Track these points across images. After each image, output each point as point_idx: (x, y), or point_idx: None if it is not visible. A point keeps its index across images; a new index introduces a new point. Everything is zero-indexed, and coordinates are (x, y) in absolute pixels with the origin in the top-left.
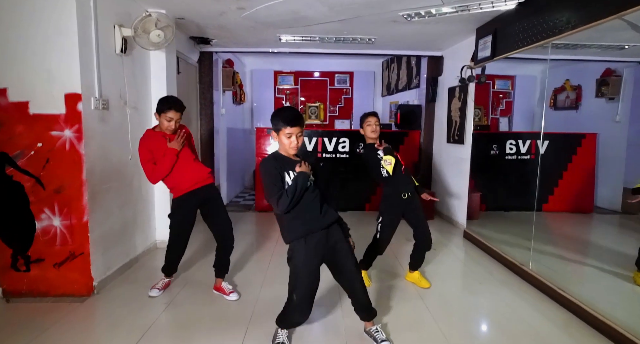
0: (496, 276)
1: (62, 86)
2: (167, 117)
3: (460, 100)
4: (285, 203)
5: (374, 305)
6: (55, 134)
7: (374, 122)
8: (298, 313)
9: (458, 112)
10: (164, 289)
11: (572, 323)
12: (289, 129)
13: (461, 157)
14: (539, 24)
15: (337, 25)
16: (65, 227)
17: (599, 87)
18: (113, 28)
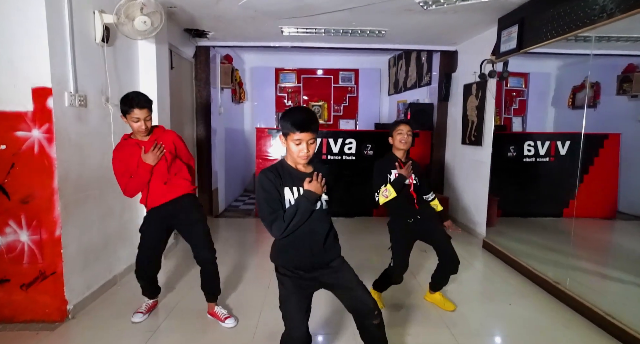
0: (527, 296)
1: (29, 79)
2: (133, 117)
3: (477, 98)
4: (280, 229)
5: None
6: (22, 135)
7: (406, 131)
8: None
9: (475, 111)
10: (149, 313)
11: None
12: (298, 135)
13: (479, 160)
14: (578, 9)
15: (345, 15)
16: (34, 242)
17: (620, 84)
18: (92, 14)
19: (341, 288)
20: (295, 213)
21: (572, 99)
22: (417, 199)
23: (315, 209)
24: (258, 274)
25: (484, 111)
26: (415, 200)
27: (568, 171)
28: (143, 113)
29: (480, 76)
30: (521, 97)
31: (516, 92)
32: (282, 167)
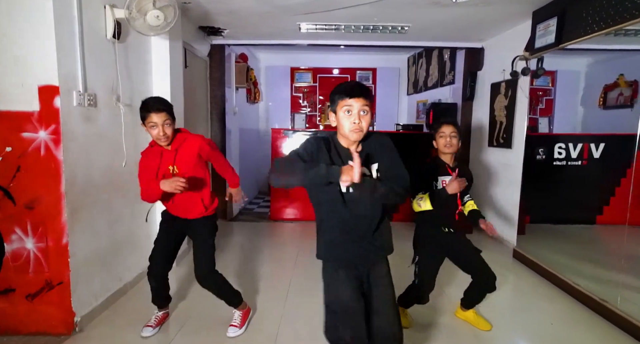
0: (569, 314)
1: (35, 77)
2: (150, 123)
3: (507, 97)
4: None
5: None
6: (28, 136)
7: (449, 133)
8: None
9: (504, 111)
10: (159, 326)
11: None
12: (348, 101)
13: (508, 164)
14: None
15: (366, 10)
16: (40, 250)
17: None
18: (103, 9)
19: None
20: (305, 169)
21: (603, 98)
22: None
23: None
24: (274, 284)
25: (514, 111)
26: (458, 211)
27: (602, 176)
28: (160, 117)
29: (511, 74)
30: (548, 96)
31: (542, 91)
32: (332, 141)
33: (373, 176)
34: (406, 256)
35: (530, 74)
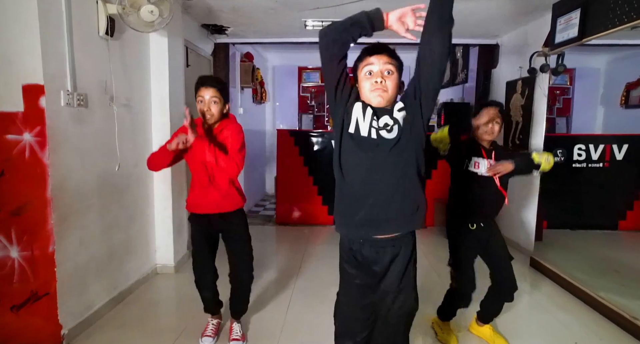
0: (596, 331)
1: (20, 76)
2: (199, 97)
3: (523, 96)
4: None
5: None
6: (12, 138)
7: (492, 117)
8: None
9: (520, 110)
10: (217, 336)
11: None
12: (369, 60)
13: None
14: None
15: (374, 5)
16: (25, 259)
17: None
18: (95, 4)
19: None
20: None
21: (625, 97)
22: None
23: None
24: (277, 293)
25: (531, 110)
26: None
27: (625, 179)
28: (209, 92)
29: (529, 71)
30: (566, 95)
31: (560, 90)
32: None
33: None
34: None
35: (549, 71)
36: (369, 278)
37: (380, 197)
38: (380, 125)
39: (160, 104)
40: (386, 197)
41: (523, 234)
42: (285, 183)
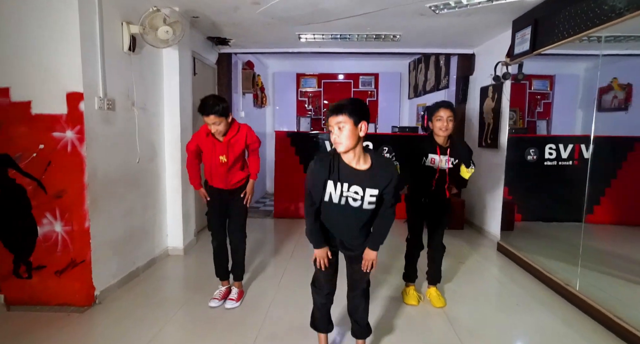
0: (536, 297)
1: (64, 85)
2: (205, 119)
3: (493, 100)
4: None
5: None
6: (57, 136)
7: (446, 117)
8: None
9: (491, 113)
10: (224, 300)
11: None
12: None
13: (495, 163)
14: (588, 9)
15: (359, 20)
16: (66, 233)
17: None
18: (121, 25)
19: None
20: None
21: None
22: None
23: (355, 207)
24: (273, 272)
25: (500, 113)
26: (446, 184)
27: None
28: (209, 119)
29: (494, 79)
30: (546, 100)
31: (541, 95)
32: (333, 160)
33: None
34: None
35: (511, 78)
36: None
37: (347, 233)
38: (350, 193)
39: (171, 107)
40: (351, 233)
41: (492, 223)
42: (282, 180)
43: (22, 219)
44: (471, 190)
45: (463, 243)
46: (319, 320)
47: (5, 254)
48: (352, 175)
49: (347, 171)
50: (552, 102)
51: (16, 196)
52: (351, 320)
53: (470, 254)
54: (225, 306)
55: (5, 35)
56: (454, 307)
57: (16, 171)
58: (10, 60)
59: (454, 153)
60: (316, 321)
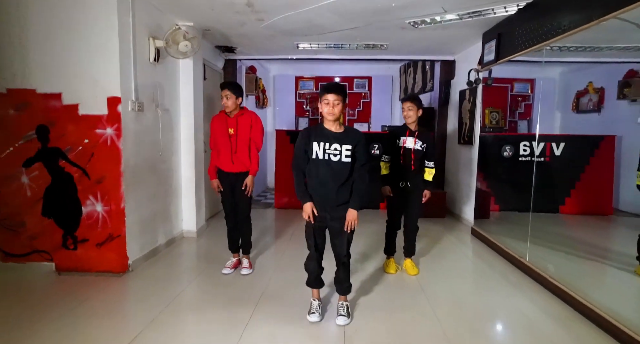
0: (496, 268)
1: (105, 91)
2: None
3: (470, 102)
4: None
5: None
6: (99, 132)
7: (407, 107)
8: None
9: (468, 114)
10: (235, 268)
11: (566, 313)
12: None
13: (471, 158)
14: (538, 27)
15: (349, 32)
16: (105, 212)
17: (621, 89)
18: (147, 40)
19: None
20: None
21: (575, 103)
22: (415, 162)
23: (335, 161)
24: (276, 249)
25: (475, 114)
26: (412, 162)
27: (563, 171)
28: (224, 92)
29: (468, 83)
30: (527, 101)
31: (522, 97)
32: (316, 128)
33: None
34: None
35: (482, 83)
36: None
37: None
38: (331, 150)
39: (186, 108)
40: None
41: (468, 211)
42: (282, 174)
43: (70, 201)
44: (452, 182)
45: (442, 229)
46: (313, 281)
47: (56, 230)
48: (332, 136)
49: (329, 134)
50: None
51: (65, 181)
52: (335, 283)
53: (447, 237)
54: (241, 272)
55: (60, 52)
56: (426, 275)
57: (66, 161)
58: (63, 71)
59: (422, 138)
60: (310, 281)
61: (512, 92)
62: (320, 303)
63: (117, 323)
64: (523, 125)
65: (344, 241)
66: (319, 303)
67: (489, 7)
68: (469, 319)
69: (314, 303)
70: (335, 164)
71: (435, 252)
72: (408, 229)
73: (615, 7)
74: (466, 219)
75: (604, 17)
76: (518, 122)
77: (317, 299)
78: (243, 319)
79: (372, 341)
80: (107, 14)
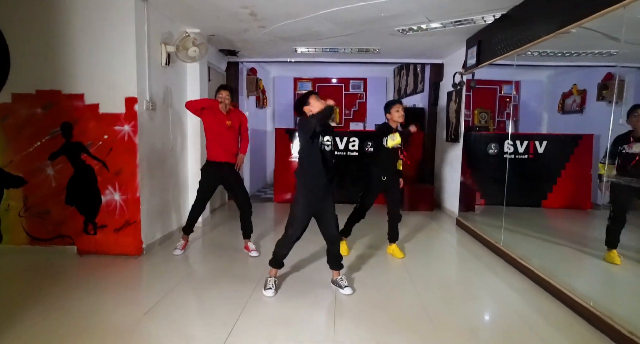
0: (473, 252)
1: (123, 92)
2: (219, 95)
3: (455, 103)
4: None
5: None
6: (117, 129)
7: (402, 108)
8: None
9: (454, 114)
10: (184, 250)
11: (528, 286)
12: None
13: (457, 155)
14: (511, 36)
15: (344, 38)
16: (123, 201)
17: (600, 91)
18: (160, 46)
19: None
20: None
21: (561, 104)
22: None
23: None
24: (275, 235)
25: (460, 113)
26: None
27: (546, 168)
28: (223, 93)
29: (452, 85)
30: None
31: (509, 98)
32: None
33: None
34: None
35: (465, 85)
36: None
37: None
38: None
39: None
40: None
41: (452, 203)
42: (281, 170)
43: (91, 191)
44: (440, 177)
45: (429, 220)
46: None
47: (78, 217)
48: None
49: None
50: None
51: (87, 173)
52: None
53: (433, 227)
54: (250, 255)
55: (83, 57)
56: (410, 258)
57: (87, 154)
58: (85, 74)
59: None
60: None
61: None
62: (277, 279)
63: (136, 296)
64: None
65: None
66: (275, 280)
67: (469, 17)
68: (444, 293)
69: (271, 280)
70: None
71: (420, 239)
72: (392, 217)
73: (569, 22)
74: (452, 211)
75: (562, 29)
76: (506, 122)
77: (274, 277)
78: (247, 292)
79: (359, 309)
80: (125, 24)
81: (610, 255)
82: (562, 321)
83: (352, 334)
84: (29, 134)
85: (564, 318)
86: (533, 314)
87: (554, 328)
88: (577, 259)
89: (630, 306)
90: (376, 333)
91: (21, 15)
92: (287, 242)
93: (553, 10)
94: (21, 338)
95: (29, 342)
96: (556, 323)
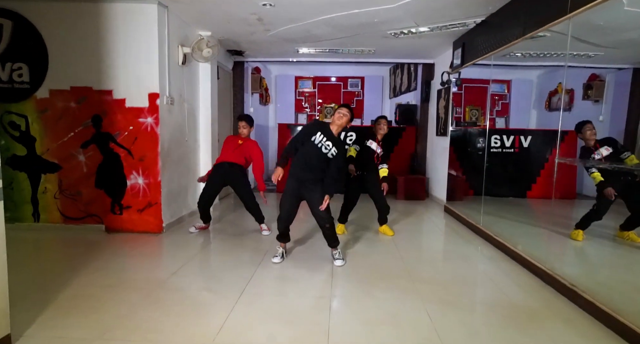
0: (456, 230)
1: (147, 88)
2: (239, 124)
3: (444, 100)
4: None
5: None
6: (142, 121)
7: (383, 123)
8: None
9: (443, 110)
10: (199, 230)
11: (498, 256)
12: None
13: (444, 147)
14: (489, 39)
15: (341, 40)
16: (145, 184)
17: (585, 90)
18: (177, 47)
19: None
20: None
21: (548, 102)
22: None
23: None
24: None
25: (448, 109)
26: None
27: (530, 161)
28: (242, 123)
29: (441, 84)
30: (504, 100)
31: (499, 96)
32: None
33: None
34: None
35: (453, 83)
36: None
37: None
38: (325, 143)
39: (204, 102)
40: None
41: (440, 191)
42: None
43: (117, 175)
44: (431, 169)
45: (420, 207)
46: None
47: (106, 199)
48: (331, 136)
49: (330, 133)
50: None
51: (114, 160)
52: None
53: (422, 212)
54: (263, 233)
55: (111, 57)
56: (399, 235)
57: (114, 143)
58: (114, 73)
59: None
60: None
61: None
62: (285, 250)
63: (163, 261)
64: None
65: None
66: (283, 251)
67: (453, 22)
68: (425, 258)
69: (279, 250)
70: (322, 153)
71: (410, 221)
72: (379, 208)
73: (533, 28)
74: (441, 199)
75: (528, 33)
76: (496, 119)
77: (282, 248)
78: (259, 258)
79: (352, 272)
80: (149, 28)
81: (575, 232)
82: (521, 278)
83: (344, 288)
84: (64, 125)
85: (522, 276)
86: (497, 273)
87: (514, 283)
88: (545, 236)
89: (578, 268)
90: (364, 286)
91: (60, 22)
92: (279, 220)
93: (518, 19)
94: (78, 291)
95: (85, 291)
96: (517, 281)
